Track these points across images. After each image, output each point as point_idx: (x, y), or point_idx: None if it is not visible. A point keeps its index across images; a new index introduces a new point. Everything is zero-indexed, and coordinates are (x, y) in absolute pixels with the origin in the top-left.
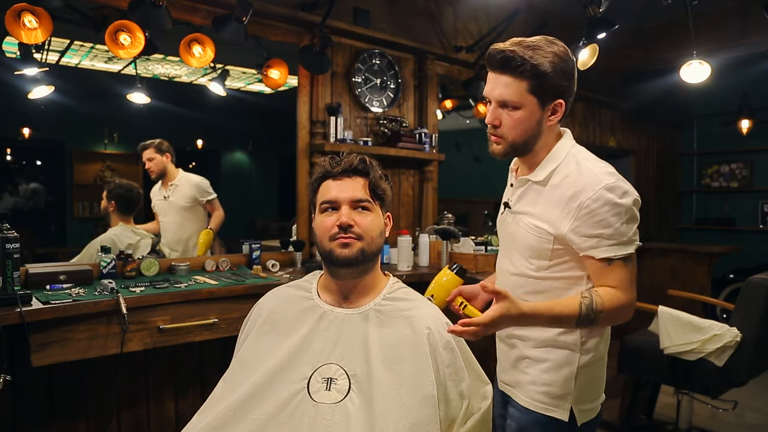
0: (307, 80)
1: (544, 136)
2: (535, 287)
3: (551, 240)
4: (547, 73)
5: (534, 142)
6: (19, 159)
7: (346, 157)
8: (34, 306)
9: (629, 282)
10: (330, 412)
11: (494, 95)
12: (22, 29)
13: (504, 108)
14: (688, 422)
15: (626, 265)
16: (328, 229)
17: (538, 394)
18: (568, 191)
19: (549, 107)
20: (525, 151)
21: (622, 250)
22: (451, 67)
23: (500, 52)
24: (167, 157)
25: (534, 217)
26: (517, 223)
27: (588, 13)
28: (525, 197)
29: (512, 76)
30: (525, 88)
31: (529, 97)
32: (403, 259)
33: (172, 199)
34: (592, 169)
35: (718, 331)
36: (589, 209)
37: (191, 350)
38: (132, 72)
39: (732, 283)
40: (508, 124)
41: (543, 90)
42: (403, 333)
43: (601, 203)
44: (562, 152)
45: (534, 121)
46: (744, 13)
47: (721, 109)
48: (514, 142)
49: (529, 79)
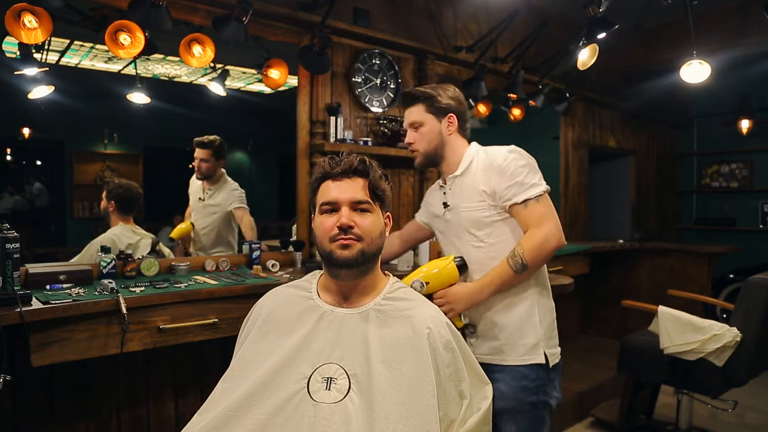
0: (307, 80)
1: (449, 144)
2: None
3: (486, 207)
4: (435, 96)
5: (442, 149)
6: (19, 159)
7: (346, 157)
8: (34, 306)
9: (545, 215)
10: (330, 412)
11: (407, 122)
12: (22, 29)
13: (414, 128)
14: (688, 422)
15: (539, 203)
16: (328, 230)
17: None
18: (484, 165)
19: (443, 120)
20: (438, 158)
21: (533, 190)
22: (451, 67)
23: (405, 94)
24: (221, 162)
25: (471, 198)
26: (458, 212)
27: (588, 13)
28: (455, 192)
29: (413, 104)
30: (423, 109)
31: (428, 116)
32: (403, 259)
33: (206, 203)
34: (496, 148)
35: (718, 331)
36: (501, 167)
37: (191, 350)
38: (132, 72)
39: (732, 283)
40: (418, 139)
41: (435, 109)
42: (404, 333)
43: (508, 161)
44: (472, 152)
45: (435, 132)
46: (744, 13)
47: (721, 109)
48: (426, 152)
49: (423, 102)
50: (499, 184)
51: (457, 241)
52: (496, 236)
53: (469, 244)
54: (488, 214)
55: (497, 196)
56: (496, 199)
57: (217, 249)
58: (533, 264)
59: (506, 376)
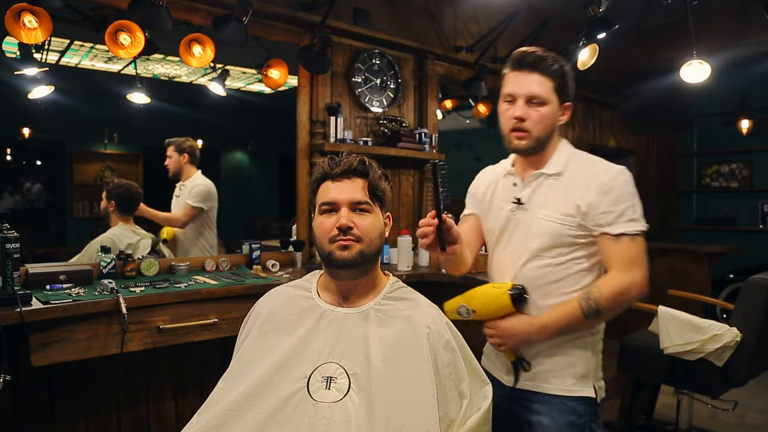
0: (307, 80)
1: (554, 135)
2: (552, 276)
3: (575, 225)
4: (568, 76)
5: (549, 139)
6: (19, 159)
7: (345, 157)
8: (34, 306)
9: (635, 258)
10: (330, 411)
11: (524, 91)
12: (22, 29)
13: (531, 104)
14: (688, 422)
15: (633, 242)
16: (328, 231)
17: (566, 378)
18: (585, 176)
19: (562, 108)
20: (542, 147)
21: (632, 226)
22: (451, 67)
23: (531, 54)
24: (184, 158)
25: (555, 207)
26: (533, 215)
27: (588, 13)
28: (539, 191)
29: (542, 74)
30: (551, 86)
31: (554, 95)
32: (403, 259)
33: (179, 199)
34: (601, 160)
35: (718, 331)
36: (608, 187)
37: (191, 350)
38: (132, 72)
39: (732, 283)
40: (534, 119)
41: (563, 91)
42: (404, 332)
43: (617, 182)
44: (568, 149)
45: (554, 118)
46: (744, 13)
47: (721, 109)
48: (539, 136)
49: (556, 78)
50: (597, 204)
51: (515, 250)
52: (570, 259)
53: (533, 258)
54: (574, 233)
55: (589, 217)
56: (588, 219)
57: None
58: (608, 312)
59: (550, 409)
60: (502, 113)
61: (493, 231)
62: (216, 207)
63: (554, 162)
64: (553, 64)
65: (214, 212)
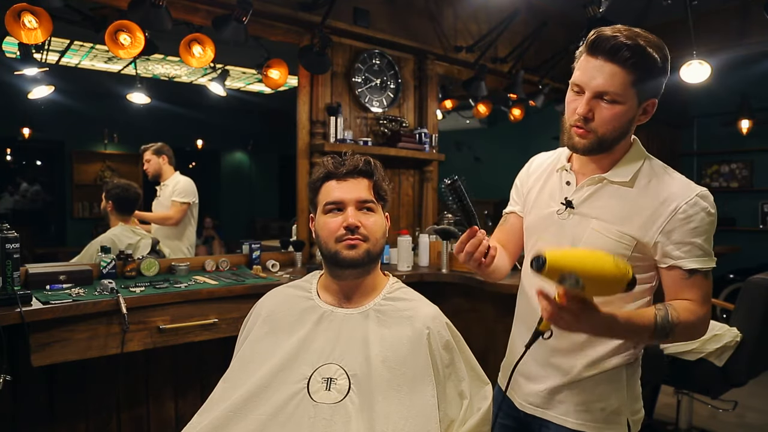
0: (307, 80)
1: (628, 136)
2: None
3: (632, 246)
4: (654, 69)
5: (619, 140)
6: (19, 159)
7: (351, 157)
8: (34, 306)
9: (707, 296)
10: (330, 412)
11: (593, 84)
12: (22, 29)
13: (600, 99)
14: (688, 422)
15: (706, 279)
16: (334, 230)
17: (592, 413)
18: (660, 194)
19: (643, 106)
20: (607, 148)
21: (708, 262)
22: (451, 67)
23: (612, 39)
24: (163, 159)
25: (614, 221)
26: (584, 224)
27: (588, 13)
28: (597, 198)
29: (620, 66)
30: (630, 81)
31: (631, 92)
32: (403, 259)
33: (160, 200)
34: (681, 176)
35: (718, 331)
36: (686, 214)
37: (191, 350)
38: (132, 72)
39: (732, 283)
40: (603, 118)
41: (645, 86)
42: (403, 333)
43: (697, 209)
44: (641, 154)
45: (629, 118)
46: (744, 13)
47: (721, 109)
48: (604, 136)
49: (636, 71)
50: (669, 234)
51: None
52: None
53: None
54: (629, 254)
55: (657, 249)
56: (649, 250)
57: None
58: (674, 338)
59: None
60: (568, 103)
61: (532, 230)
62: (197, 203)
63: (623, 168)
64: (634, 55)
65: (196, 208)
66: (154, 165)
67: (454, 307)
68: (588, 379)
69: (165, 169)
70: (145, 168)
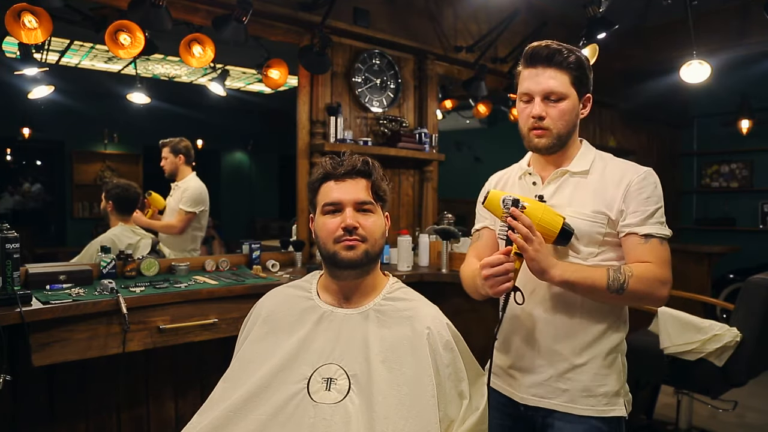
0: (307, 80)
1: (576, 131)
2: None
3: (606, 223)
4: (585, 67)
5: (571, 135)
6: (19, 159)
7: (349, 158)
8: (34, 306)
9: (665, 260)
10: (330, 412)
11: (540, 88)
12: (22, 29)
13: (548, 101)
14: (688, 422)
15: (662, 245)
16: (332, 231)
17: (596, 398)
18: (615, 176)
19: (582, 100)
20: (564, 144)
21: (661, 229)
22: (451, 67)
23: (544, 48)
24: (180, 159)
25: (584, 205)
26: None
27: (588, 13)
28: (564, 188)
29: (557, 69)
30: (569, 79)
31: (572, 89)
32: (403, 259)
33: (171, 201)
34: (625, 162)
35: (718, 331)
36: (638, 186)
37: (191, 350)
38: (132, 72)
39: (732, 283)
40: (553, 116)
41: (581, 83)
42: (403, 333)
43: (647, 182)
44: (591, 149)
45: (574, 113)
46: (744, 13)
47: (721, 109)
48: (559, 133)
49: (572, 71)
50: (628, 203)
51: None
52: (601, 260)
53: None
54: (604, 231)
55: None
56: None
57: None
58: (631, 295)
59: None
60: (520, 112)
61: None
62: (207, 210)
63: (579, 160)
64: (568, 56)
65: (206, 216)
66: (170, 164)
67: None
68: (586, 364)
69: (181, 169)
70: (162, 164)
